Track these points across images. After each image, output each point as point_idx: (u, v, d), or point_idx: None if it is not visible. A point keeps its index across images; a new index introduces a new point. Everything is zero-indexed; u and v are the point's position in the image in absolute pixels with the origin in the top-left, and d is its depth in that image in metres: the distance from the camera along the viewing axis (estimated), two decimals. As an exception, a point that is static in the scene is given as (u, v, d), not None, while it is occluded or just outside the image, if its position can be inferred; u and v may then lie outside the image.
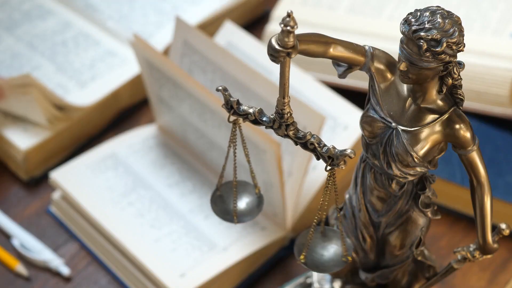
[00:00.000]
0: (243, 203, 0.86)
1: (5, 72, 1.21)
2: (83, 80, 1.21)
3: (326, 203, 0.79)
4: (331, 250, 0.82)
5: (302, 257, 0.81)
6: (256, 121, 0.78)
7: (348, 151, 0.74)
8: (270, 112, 0.78)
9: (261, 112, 0.78)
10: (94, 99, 1.19)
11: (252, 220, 0.88)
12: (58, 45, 1.25)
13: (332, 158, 0.75)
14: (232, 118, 0.79)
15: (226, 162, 0.84)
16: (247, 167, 0.85)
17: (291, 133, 0.77)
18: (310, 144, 0.76)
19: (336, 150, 0.75)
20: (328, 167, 0.76)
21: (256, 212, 0.86)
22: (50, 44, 1.25)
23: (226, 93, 0.77)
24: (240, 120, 0.79)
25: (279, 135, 0.77)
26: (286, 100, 0.75)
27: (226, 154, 0.84)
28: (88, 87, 1.21)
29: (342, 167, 0.75)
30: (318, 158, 0.77)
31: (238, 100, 0.78)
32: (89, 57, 1.24)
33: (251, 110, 0.78)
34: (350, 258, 0.81)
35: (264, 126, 0.78)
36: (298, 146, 0.76)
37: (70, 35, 1.27)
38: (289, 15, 0.68)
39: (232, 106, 0.78)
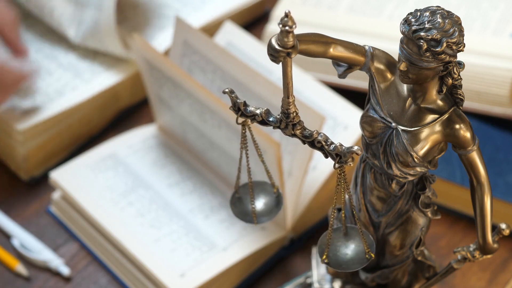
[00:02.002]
0: (261, 203, 0.87)
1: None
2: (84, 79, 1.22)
3: (342, 200, 0.79)
4: (353, 248, 0.82)
5: (324, 257, 0.81)
6: (263, 122, 0.78)
7: (355, 148, 0.74)
8: (274, 113, 0.78)
9: (268, 112, 0.78)
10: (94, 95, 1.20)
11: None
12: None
13: (340, 155, 0.75)
14: (240, 119, 0.79)
15: (240, 164, 0.84)
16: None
17: (298, 132, 0.77)
18: (317, 143, 0.76)
19: (343, 147, 0.75)
20: (337, 165, 0.76)
21: (275, 211, 0.87)
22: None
23: (233, 95, 0.78)
24: (249, 121, 0.79)
25: (286, 134, 0.78)
26: (291, 100, 0.75)
27: (239, 156, 0.84)
28: (89, 85, 1.21)
29: (350, 164, 0.75)
30: (326, 156, 0.77)
31: (245, 102, 0.78)
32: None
33: (258, 111, 0.78)
34: (373, 255, 0.81)
35: (272, 127, 0.78)
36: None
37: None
38: (286, 15, 0.68)
39: (239, 108, 0.78)
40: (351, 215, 0.86)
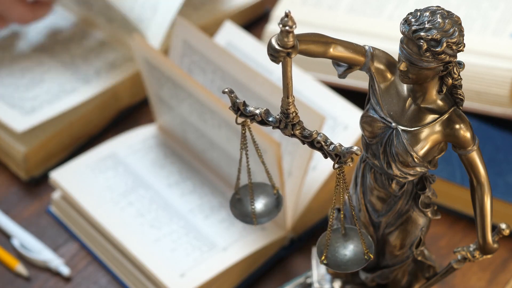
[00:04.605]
0: (261, 204, 0.87)
1: (5, 71, 1.21)
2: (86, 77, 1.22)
3: (341, 200, 0.79)
4: (352, 249, 0.82)
5: (323, 257, 0.81)
6: (263, 122, 0.78)
7: (355, 148, 0.74)
8: (273, 112, 0.78)
9: (267, 112, 0.78)
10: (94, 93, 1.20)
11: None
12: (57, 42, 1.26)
13: (339, 155, 0.75)
14: (240, 120, 0.79)
15: (240, 165, 0.84)
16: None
17: (297, 132, 0.77)
18: (316, 143, 0.76)
19: (343, 147, 0.75)
20: (336, 165, 0.76)
21: (275, 212, 0.87)
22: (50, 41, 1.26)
23: (232, 95, 0.78)
24: (249, 121, 0.79)
25: (286, 134, 0.78)
26: (290, 100, 0.75)
27: (239, 157, 0.84)
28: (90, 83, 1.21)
29: (349, 165, 0.75)
30: (325, 157, 0.77)
31: (244, 102, 0.78)
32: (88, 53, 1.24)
33: (257, 111, 0.78)
34: (372, 256, 0.81)
35: (271, 127, 0.78)
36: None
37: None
38: (287, 15, 0.68)
39: (239, 108, 0.78)
40: (351, 216, 0.86)
